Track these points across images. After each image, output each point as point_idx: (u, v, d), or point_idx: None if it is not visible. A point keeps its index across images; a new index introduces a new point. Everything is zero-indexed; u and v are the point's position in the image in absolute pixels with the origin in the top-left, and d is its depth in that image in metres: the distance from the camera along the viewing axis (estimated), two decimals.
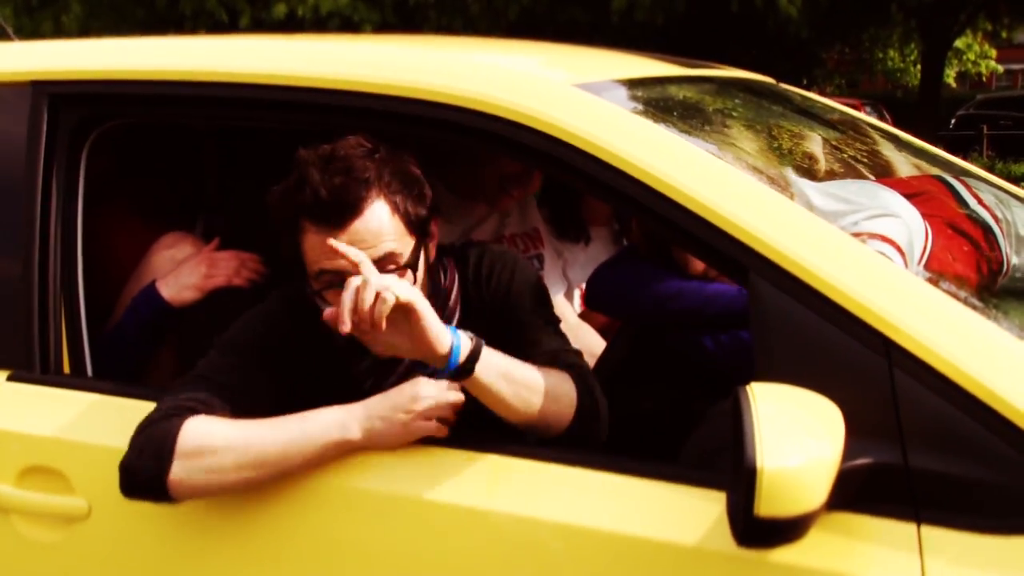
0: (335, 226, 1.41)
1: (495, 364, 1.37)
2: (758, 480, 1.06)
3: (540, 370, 1.41)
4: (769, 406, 1.13)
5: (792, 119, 1.99)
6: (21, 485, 1.59)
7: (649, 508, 1.29)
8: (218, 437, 1.39)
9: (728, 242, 1.32)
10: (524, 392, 1.38)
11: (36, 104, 1.72)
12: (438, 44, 2.02)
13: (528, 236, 2.23)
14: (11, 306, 1.68)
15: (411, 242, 1.46)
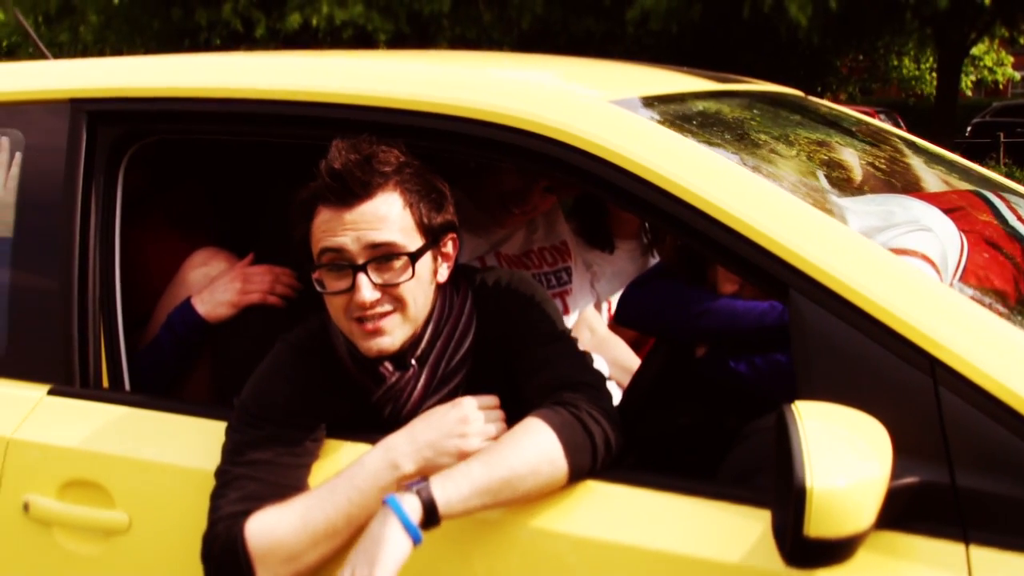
0: (343, 203, 1.42)
1: (458, 495, 1.28)
2: (807, 500, 1.06)
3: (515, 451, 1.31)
4: (816, 425, 1.13)
5: (824, 133, 1.99)
6: (62, 498, 1.61)
7: (691, 526, 1.29)
8: (282, 528, 1.39)
9: (768, 259, 1.32)
10: (504, 489, 1.30)
11: (75, 121, 1.74)
12: (470, 60, 2.03)
13: (556, 249, 2.24)
14: (51, 321, 1.69)
15: (419, 242, 1.46)
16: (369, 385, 1.51)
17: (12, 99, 1.83)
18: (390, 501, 1.28)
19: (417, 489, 1.28)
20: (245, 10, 12.78)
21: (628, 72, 2.02)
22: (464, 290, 1.56)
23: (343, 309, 1.45)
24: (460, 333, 1.53)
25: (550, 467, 1.31)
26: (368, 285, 1.42)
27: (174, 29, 13.47)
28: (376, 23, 12.27)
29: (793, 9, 10.23)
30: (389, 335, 1.45)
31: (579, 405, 1.36)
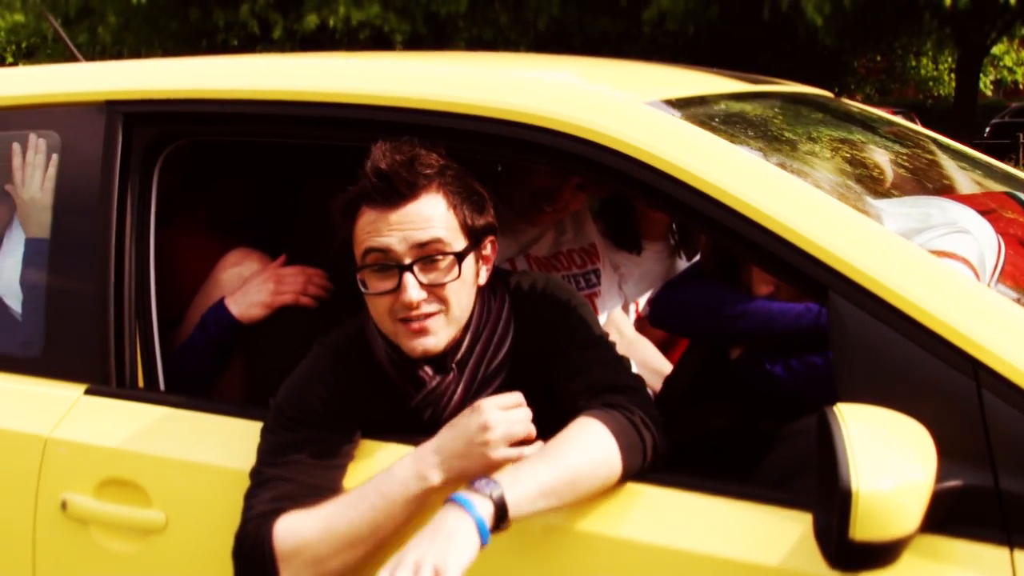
0: (389, 204, 1.43)
1: (526, 496, 1.27)
2: (853, 503, 1.06)
3: (575, 451, 1.31)
4: (859, 427, 1.13)
5: (855, 134, 1.98)
6: (99, 497, 1.62)
7: (729, 528, 1.29)
8: (308, 530, 1.39)
9: (807, 261, 1.32)
10: (567, 491, 1.30)
11: (111, 123, 1.75)
12: (500, 62, 2.03)
13: (585, 251, 2.24)
14: (88, 321, 1.71)
15: (463, 242, 1.47)
16: (408, 389, 1.51)
17: (48, 101, 1.85)
18: (462, 500, 1.25)
19: (489, 491, 1.25)
20: (262, 11, 12.83)
21: (658, 73, 2.02)
22: (501, 294, 1.57)
23: (388, 310, 1.45)
24: (499, 337, 1.53)
25: (608, 469, 1.31)
26: (415, 284, 1.42)
27: (192, 30, 13.54)
28: (393, 24, 12.30)
29: (810, 9, 10.20)
30: (434, 335, 1.45)
31: (630, 408, 1.37)
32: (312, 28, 12.56)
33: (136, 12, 12.95)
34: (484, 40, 12.60)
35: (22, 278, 1.83)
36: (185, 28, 13.45)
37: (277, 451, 1.48)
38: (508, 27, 12.72)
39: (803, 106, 2.04)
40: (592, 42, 12.74)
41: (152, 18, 13.39)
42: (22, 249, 1.84)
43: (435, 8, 12.22)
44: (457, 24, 12.68)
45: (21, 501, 1.66)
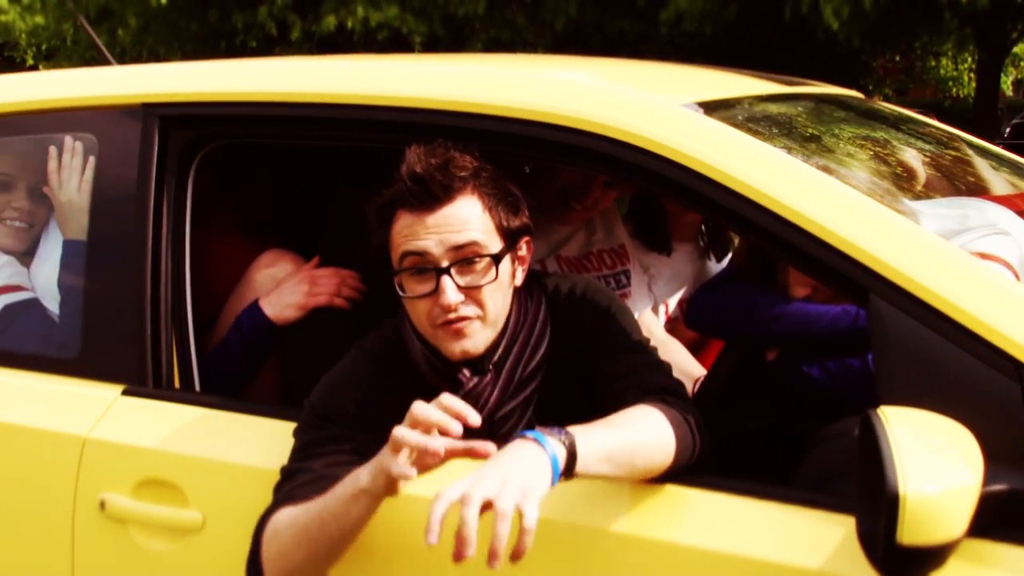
0: (425, 207, 1.43)
1: (593, 454, 1.25)
2: (901, 507, 1.05)
3: (637, 427, 1.31)
4: (904, 430, 1.13)
5: (889, 134, 1.98)
6: (137, 496, 1.63)
7: (769, 530, 1.29)
8: (283, 520, 1.41)
9: (847, 263, 1.32)
10: (626, 463, 1.29)
11: (147, 125, 1.77)
12: (531, 63, 2.03)
13: (615, 252, 2.24)
14: (125, 322, 1.72)
15: (499, 243, 1.47)
16: (446, 391, 1.51)
17: (85, 104, 1.86)
18: (537, 436, 1.21)
19: (563, 437, 1.22)
20: (280, 13, 12.88)
21: (689, 75, 2.01)
22: (538, 296, 1.57)
23: (426, 313, 1.46)
24: (535, 339, 1.53)
25: (662, 454, 1.31)
26: (452, 287, 1.43)
27: (211, 32, 13.60)
28: (411, 25, 12.32)
29: (827, 13, 10.15)
30: (472, 338, 1.46)
31: (684, 407, 1.38)
32: (330, 30, 12.59)
33: (156, 14, 13.02)
34: (502, 41, 12.60)
35: (60, 280, 1.84)
36: (204, 30, 13.52)
37: (306, 447, 1.49)
38: (526, 28, 12.72)
39: (835, 107, 2.04)
40: (609, 43, 12.73)
41: (172, 20, 13.46)
42: (59, 251, 1.85)
43: (453, 9, 12.23)
44: (475, 25, 12.69)
45: (60, 500, 1.67)
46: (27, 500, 1.71)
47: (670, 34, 12.53)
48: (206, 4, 12.99)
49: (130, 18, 12.89)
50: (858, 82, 16.48)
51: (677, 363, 2.20)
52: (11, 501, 1.72)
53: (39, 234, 1.97)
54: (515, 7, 12.46)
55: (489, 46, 12.53)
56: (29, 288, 1.92)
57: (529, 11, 12.55)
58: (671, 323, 2.36)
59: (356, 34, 12.63)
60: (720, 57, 8.73)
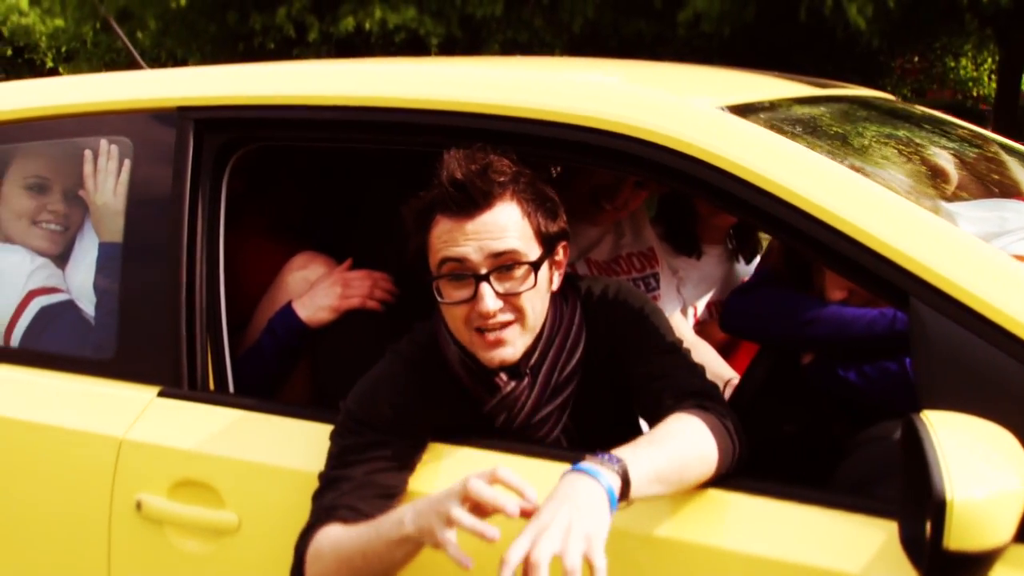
0: (465, 213, 1.43)
1: (645, 477, 1.24)
2: (948, 512, 1.05)
3: (683, 441, 1.30)
4: (948, 435, 1.12)
5: (922, 136, 1.97)
6: (173, 498, 1.64)
7: (809, 534, 1.29)
8: (325, 544, 1.41)
9: (887, 266, 1.32)
10: (676, 480, 1.29)
11: (182, 129, 1.78)
12: (562, 66, 2.03)
13: (644, 255, 2.24)
14: (160, 324, 1.73)
15: (538, 250, 1.47)
16: (482, 395, 1.52)
17: (121, 108, 1.88)
18: (590, 470, 1.19)
19: (613, 463, 1.21)
20: (298, 15, 12.90)
21: (722, 77, 2.01)
22: (573, 300, 1.57)
23: (464, 319, 1.46)
24: (571, 343, 1.53)
25: (707, 466, 1.31)
26: (491, 294, 1.42)
27: (229, 33, 13.64)
28: (428, 27, 12.31)
29: (852, 12, 10.08)
30: (511, 345, 1.46)
31: (722, 412, 1.37)
32: (348, 31, 12.60)
33: (175, 16, 13.08)
34: (519, 43, 12.60)
35: (95, 282, 1.86)
36: (222, 32, 13.55)
37: (344, 453, 1.49)
38: (543, 29, 12.70)
39: (867, 108, 2.03)
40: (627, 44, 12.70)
41: (190, 22, 13.51)
42: (95, 253, 1.87)
43: (470, 11, 12.23)
44: (492, 27, 12.68)
45: (97, 501, 1.69)
46: (64, 500, 1.73)
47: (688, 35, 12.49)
48: (224, 6, 13.03)
49: (149, 20, 12.95)
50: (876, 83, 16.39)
51: (707, 366, 2.19)
52: (49, 501, 1.74)
53: (74, 237, 1.98)
54: (532, 9, 12.45)
55: (506, 47, 12.52)
56: (65, 290, 1.94)
57: (546, 12, 12.53)
58: (699, 326, 2.36)
59: (374, 36, 12.64)
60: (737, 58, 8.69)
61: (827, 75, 3.44)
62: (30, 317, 1.88)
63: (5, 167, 2.01)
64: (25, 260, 1.94)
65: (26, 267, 1.93)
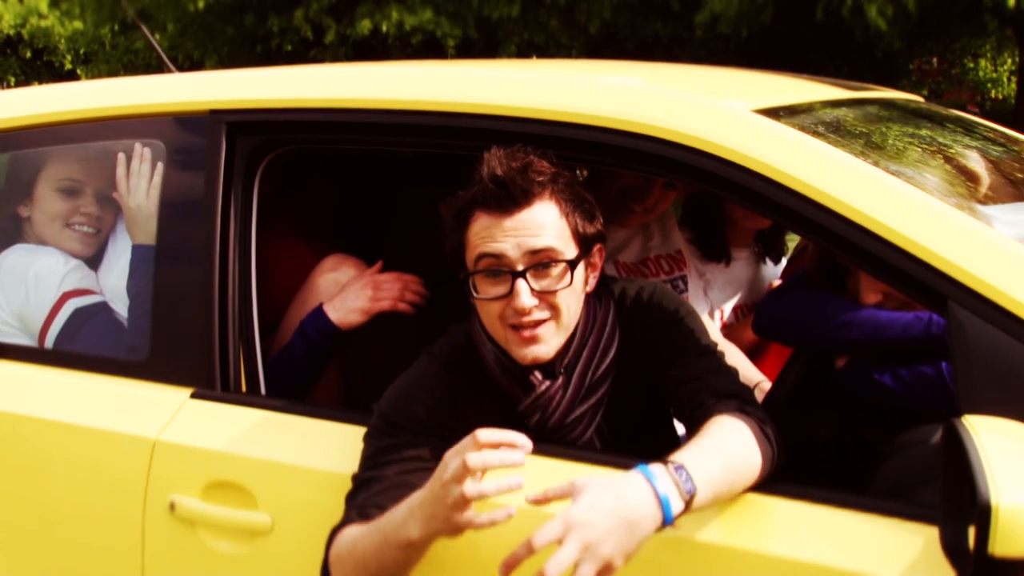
0: (504, 210, 1.44)
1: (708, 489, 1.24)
2: (993, 518, 1.04)
3: (734, 446, 1.30)
4: (991, 439, 1.12)
5: (955, 138, 1.96)
6: (206, 498, 1.65)
7: (850, 539, 1.29)
8: (344, 546, 1.42)
9: (925, 270, 1.31)
10: (727, 488, 1.29)
11: (214, 131, 1.79)
12: (595, 69, 2.03)
13: (672, 257, 2.24)
14: (193, 326, 1.74)
15: (574, 250, 1.48)
16: (517, 394, 1.52)
17: (153, 111, 1.89)
18: (650, 476, 1.20)
19: (683, 482, 1.21)
20: (316, 16, 12.96)
21: (753, 80, 2.01)
22: (606, 300, 1.57)
23: (499, 316, 1.47)
24: (605, 343, 1.54)
25: (753, 473, 1.32)
26: (527, 291, 1.43)
27: (246, 36, 13.70)
28: (445, 28, 12.34)
29: (872, 13, 10.04)
30: (544, 343, 1.46)
31: (761, 417, 1.37)
32: (365, 33, 12.64)
33: (193, 19, 13.15)
34: (535, 44, 12.61)
35: (128, 284, 1.87)
36: (240, 34, 13.62)
37: (377, 455, 1.50)
38: (559, 31, 12.70)
39: (898, 111, 2.02)
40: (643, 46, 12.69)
41: (208, 24, 13.58)
42: (128, 255, 1.88)
43: (487, 12, 12.24)
44: (508, 28, 12.69)
45: (131, 501, 1.70)
46: (99, 501, 1.74)
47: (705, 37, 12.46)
48: (242, 8, 13.09)
49: (168, 22, 13.02)
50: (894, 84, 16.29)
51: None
52: (83, 502, 1.75)
53: (106, 239, 2.00)
54: (548, 10, 12.45)
55: (522, 49, 12.53)
56: (98, 292, 1.95)
57: (563, 14, 12.54)
58: (726, 329, 2.35)
59: (390, 37, 12.68)
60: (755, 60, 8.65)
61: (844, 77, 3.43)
62: (64, 319, 1.90)
63: (39, 170, 2.02)
64: (59, 262, 1.96)
65: (60, 269, 1.95)
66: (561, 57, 12.06)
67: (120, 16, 14.10)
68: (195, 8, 12.56)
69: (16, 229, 2.04)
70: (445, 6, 12.37)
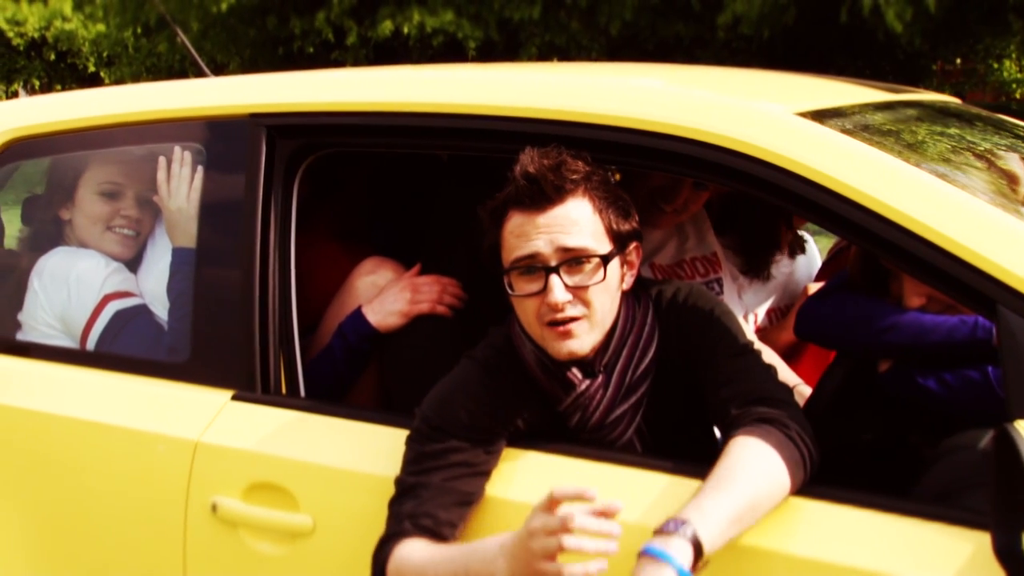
0: (537, 207, 1.46)
1: (717, 534, 1.25)
2: None
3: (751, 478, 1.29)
4: None
5: (998, 140, 1.94)
6: (248, 500, 1.66)
7: (896, 544, 1.28)
8: (412, 564, 1.41)
9: (974, 274, 1.30)
10: (748, 520, 1.29)
11: (254, 135, 1.80)
12: (635, 73, 2.03)
13: (707, 260, 2.23)
14: (234, 329, 1.75)
15: (608, 246, 1.48)
16: (558, 393, 1.53)
17: (193, 115, 1.90)
18: (659, 553, 1.20)
19: (681, 532, 1.22)
20: (337, 19, 12.99)
21: (790, 83, 2.00)
22: (645, 301, 1.58)
23: (535, 312, 1.48)
24: (644, 343, 1.54)
25: (780, 488, 1.31)
26: (560, 286, 1.44)
27: (268, 38, 13.75)
28: (466, 30, 12.34)
29: (890, 16, 9.98)
30: (578, 339, 1.47)
31: (785, 422, 1.36)
32: (386, 35, 12.66)
33: (215, 21, 13.21)
34: (556, 46, 12.59)
35: (169, 286, 1.88)
36: (262, 36, 13.68)
37: (421, 459, 1.50)
38: (580, 33, 12.69)
39: (937, 113, 2.01)
40: (665, 47, 12.65)
41: (230, 26, 13.64)
42: (168, 258, 1.89)
43: (508, 14, 12.24)
44: (530, 30, 12.68)
45: (172, 502, 1.71)
46: (141, 502, 1.75)
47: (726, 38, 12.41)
48: (264, 10, 13.15)
49: (192, 24, 13.10)
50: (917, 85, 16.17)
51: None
52: (125, 503, 1.76)
53: (146, 241, 2.02)
54: (569, 12, 12.44)
55: (543, 51, 12.53)
56: (138, 294, 1.97)
57: (584, 16, 12.52)
58: (760, 332, 2.34)
59: (411, 39, 12.70)
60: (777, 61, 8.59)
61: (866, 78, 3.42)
62: (105, 321, 1.92)
63: (80, 174, 2.04)
64: (100, 265, 1.98)
65: (101, 272, 1.96)
66: (582, 59, 12.05)
67: (143, 19, 14.18)
68: (217, 10, 12.62)
69: (58, 232, 2.06)
70: (466, 8, 12.38)
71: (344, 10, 12.91)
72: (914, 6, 9.85)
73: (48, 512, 1.83)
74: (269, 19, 13.15)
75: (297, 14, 13.08)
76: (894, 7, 9.86)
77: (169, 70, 15.84)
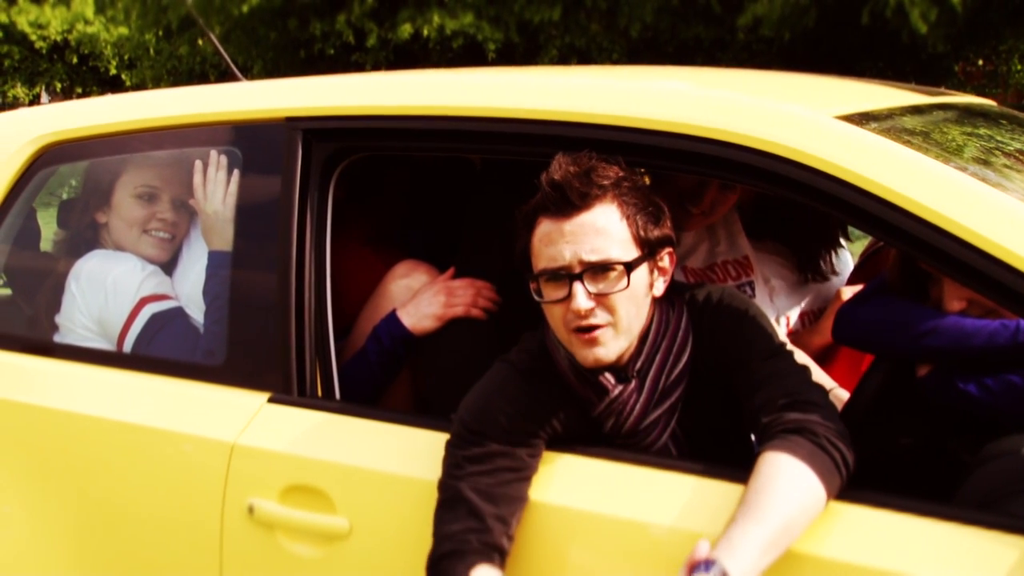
0: (563, 214, 1.46)
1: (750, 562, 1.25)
2: None
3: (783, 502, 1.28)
4: None
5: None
6: (285, 502, 1.67)
7: (938, 549, 1.27)
8: None
9: (1016, 277, 1.29)
10: (784, 544, 1.29)
11: (290, 139, 1.81)
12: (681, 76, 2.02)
13: (739, 263, 2.22)
14: (270, 331, 1.76)
15: (635, 253, 1.48)
16: (592, 398, 1.53)
17: (229, 119, 1.92)
18: None
19: (713, 572, 1.22)
20: (358, 21, 13.04)
21: (824, 86, 1.99)
22: (679, 305, 1.58)
23: (562, 319, 1.48)
24: (678, 348, 1.54)
25: (815, 503, 1.31)
26: (583, 293, 1.45)
27: (289, 40, 13.82)
28: (486, 33, 12.36)
29: (914, 16, 9.92)
30: (604, 346, 1.48)
31: (815, 430, 1.36)
32: (406, 37, 12.70)
33: (236, 24, 13.28)
34: (576, 48, 12.59)
35: (205, 289, 1.90)
36: (283, 39, 13.74)
37: (463, 464, 1.50)
38: (600, 35, 12.68)
39: (976, 116, 2.00)
40: (685, 49, 12.62)
41: (251, 29, 13.71)
42: (204, 261, 1.91)
43: (528, 16, 12.25)
44: (550, 33, 12.69)
45: (209, 504, 1.72)
46: (178, 503, 1.76)
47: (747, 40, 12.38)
48: (285, 13, 13.21)
49: (215, 27, 13.17)
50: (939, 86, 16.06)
51: None
52: (162, 505, 1.78)
53: (181, 245, 2.03)
54: (589, 14, 12.43)
55: (564, 53, 12.53)
56: (174, 297, 1.98)
57: (604, 18, 12.52)
58: (793, 336, 2.33)
59: (432, 42, 12.73)
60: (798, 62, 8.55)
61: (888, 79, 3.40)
62: (142, 323, 1.93)
63: (116, 177, 2.06)
64: (136, 267, 1.99)
65: (137, 274, 1.98)
66: (603, 61, 12.04)
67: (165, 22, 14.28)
68: (239, 13, 12.69)
69: (94, 235, 2.07)
70: (486, 10, 12.40)
71: (364, 12, 12.95)
72: (939, 6, 9.78)
73: (86, 514, 1.85)
74: (290, 21, 13.21)
75: (318, 16, 13.14)
76: (919, 7, 9.80)
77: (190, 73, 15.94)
